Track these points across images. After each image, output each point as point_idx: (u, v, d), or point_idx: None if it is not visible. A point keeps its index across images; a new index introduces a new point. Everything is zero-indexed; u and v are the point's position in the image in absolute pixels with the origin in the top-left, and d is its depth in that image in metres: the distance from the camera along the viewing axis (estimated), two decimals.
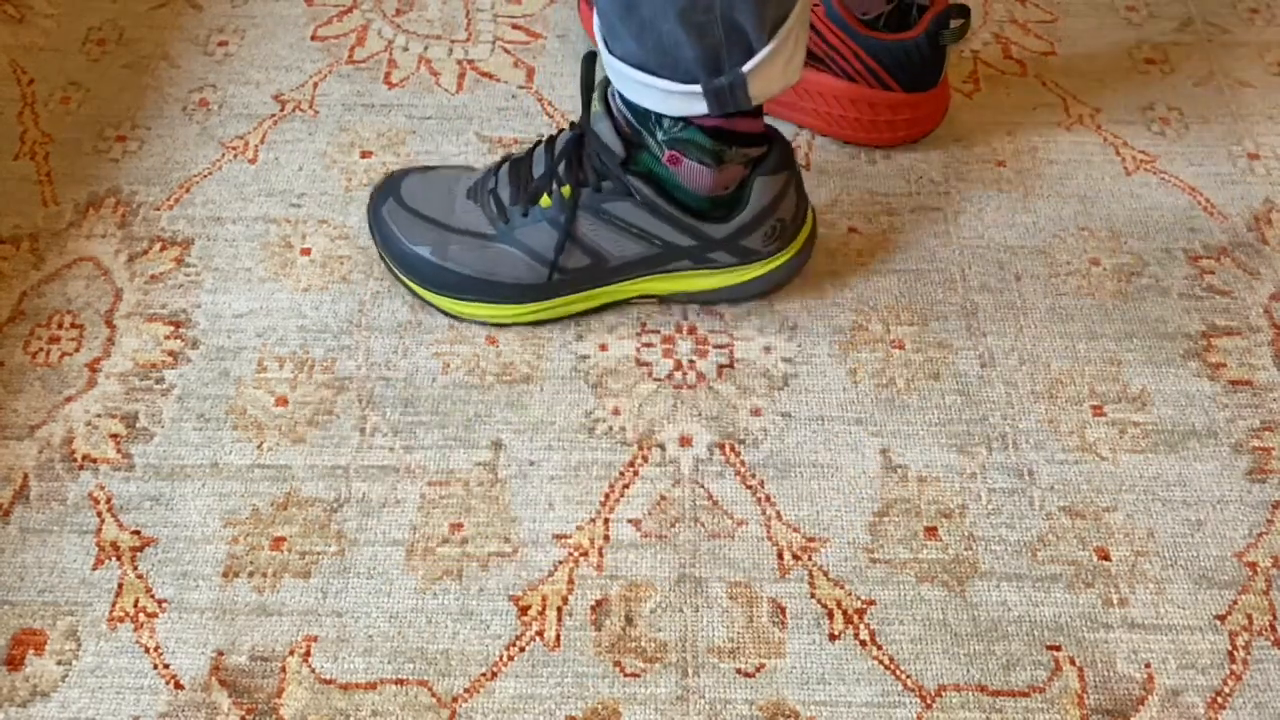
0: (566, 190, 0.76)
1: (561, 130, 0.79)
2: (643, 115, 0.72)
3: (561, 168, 0.76)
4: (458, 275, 0.80)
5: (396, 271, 0.83)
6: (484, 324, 0.82)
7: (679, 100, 0.68)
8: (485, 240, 0.79)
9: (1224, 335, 0.84)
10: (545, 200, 0.77)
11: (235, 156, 0.94)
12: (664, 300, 0.83)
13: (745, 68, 0.66)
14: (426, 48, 1.04)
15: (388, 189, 0.83)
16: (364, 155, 0.94)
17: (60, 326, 0.83)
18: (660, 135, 0.72)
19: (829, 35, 0.90)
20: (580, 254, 0.78)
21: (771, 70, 0.67)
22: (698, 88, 0.67)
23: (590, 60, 0.74)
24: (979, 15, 1.08)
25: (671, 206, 0.75)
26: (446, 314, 0.83)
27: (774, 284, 0.82)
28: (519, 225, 0.78)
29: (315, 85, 1.00)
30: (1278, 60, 1.04)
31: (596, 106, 0.74)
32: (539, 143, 0.80)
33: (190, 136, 0.96)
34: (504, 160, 0.81)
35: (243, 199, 0.91)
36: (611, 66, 0.70)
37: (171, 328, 0.83)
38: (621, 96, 0.72)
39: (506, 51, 1.03)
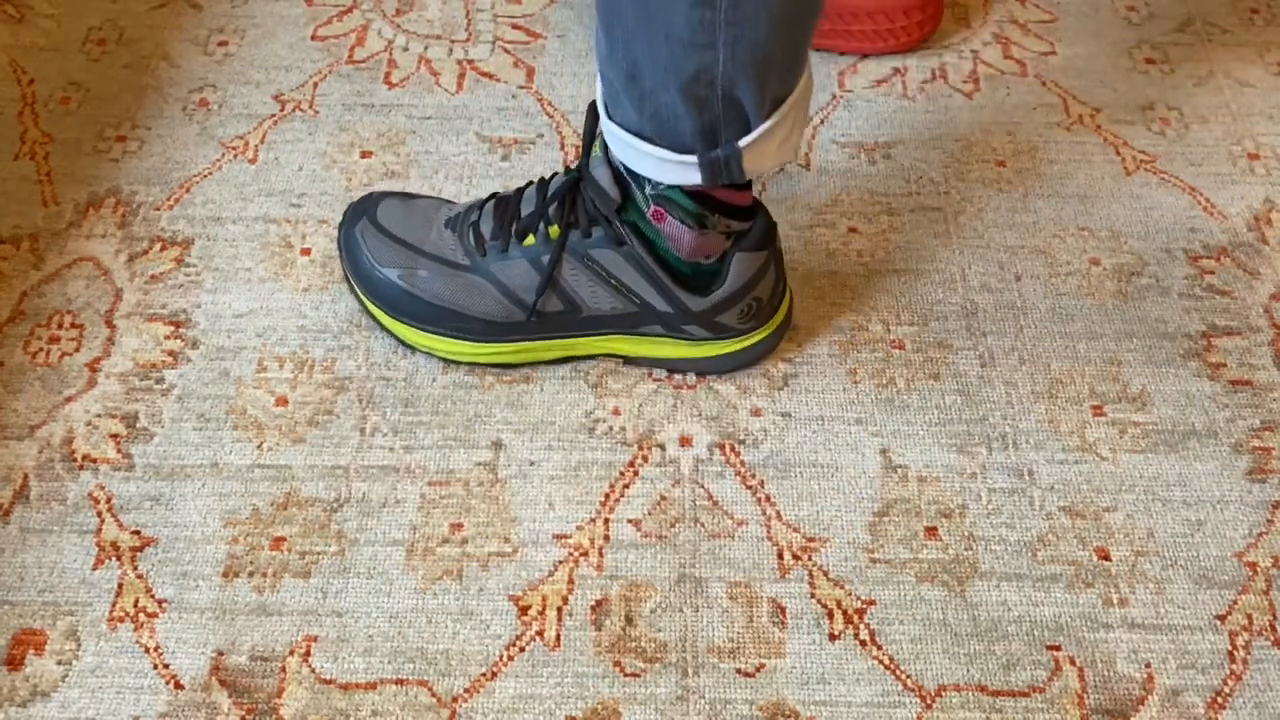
0: (554, 231, 0.75)
1: (555, 174, 0.77)
2: (633, 170, 0.72)
3: (552, 209, 0.75)
4: (424, 304, 0.78)
5: (360, 293, 0.81)
6: (439, 358, 0.81)
7: (674, 169, 0.68)
8: (456, 269, 0.77)
9: (1224, 335, 0.84)
10: (529, 239, 0.76)
11: (235, 156, 0.94)
12: (628, 361, 0.81)
13: (742, 142, 0.66)
14: (426, 48, 1.04)
15: (363, 209, 0.81)
16: (364, 155, 0.94)
17: (60, 326, 0.83)
18: (648, 189, 0.71)
19: None
20: (555, 299, 0.77)
21: (767, 146, 0.67)
22: (693, 158, 0.67)
23: (594, 109, 0.73)
24: (979, 15, 1.08)
25: (656, 265, 0.74)
26: (403, 343, 0.81)
27: (742, 363, 0.80)
28: (495, 260, 0.76)
29: (315, 85, 1.00)
30: (1278, 60, 1.04)
31: (597, 152, 0.73)
32: (530, 184, 0.78)
33: (190, 136, 0.96)
34: (490, 197, 0.79)
35: (243, 199, 0.91)
36: (610, 131, 0.69)
37: (171, 328, 0.83)
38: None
39: (506, 51, 1.04)
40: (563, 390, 0.80)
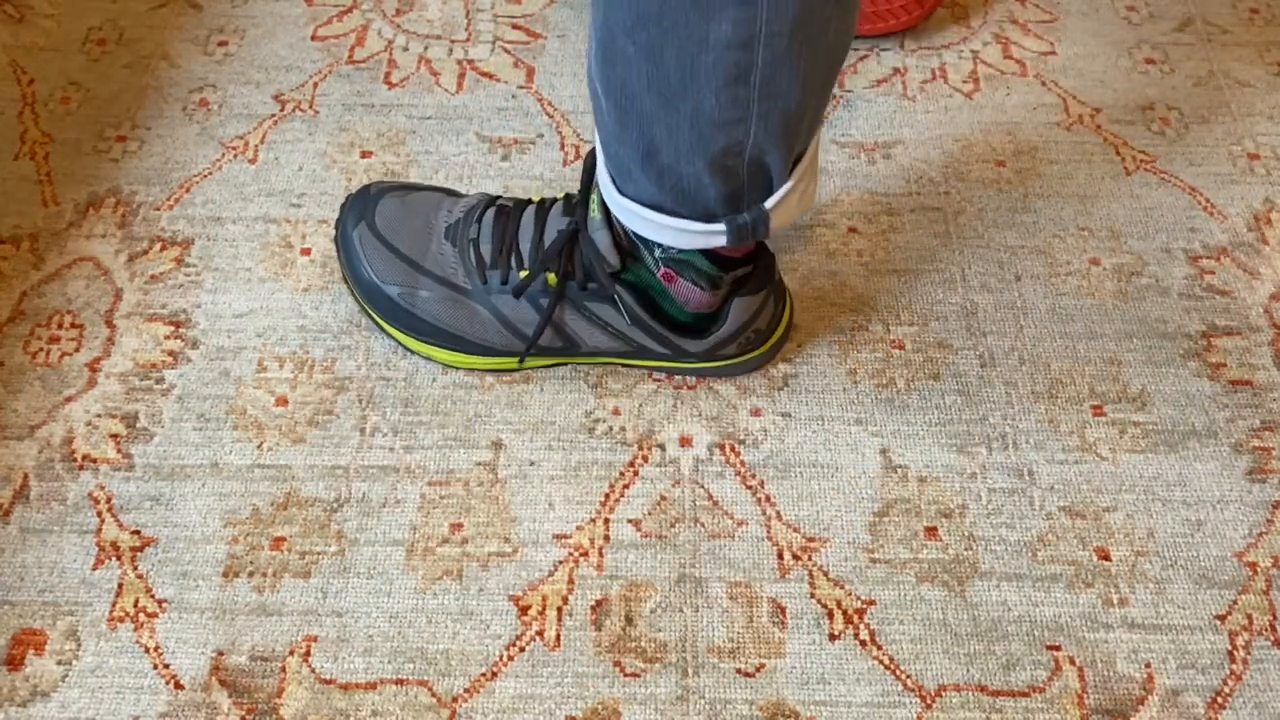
0: (552, 278, 0.74)
1: (555, 200, 0.76)
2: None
3: (550, 258, 0.74)
4: (423, 322, 0.78)
5: (358, 297, 0.81)
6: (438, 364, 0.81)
7: (696, 236, 0.67)
8: (458, 294, 0.77)
9: (1224, 335, 0.84)
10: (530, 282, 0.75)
11: (235, 156, 0.94)
12: (629, 365, 0.81)
13: (768, 204, 0.65)
14: (426, 48, 1.04)
15: (361, 206, 0.80)
16: (364, 155, 0.94)
17: (60, 326, 0.83)
18: (658, 252, 0.70)
19: None
20: (554, 336, 0.77)
21: (789, 203, 0.66)
22: (719, 226, 0.66)
23: (593, 157, 0.71)
24: (979, 15, 1.08)
25: (654, 321, 0.74)
26: (403, 346, 0.81)
27: (739, 373, 0.80)
28: (496, 291, 0.76)
29: (315, 85, 1.00)
30: (1278, 60, 1.04)
31: (595, 213, 0.71)
32: (529, 203, 0.78)
33: (190, 136, 0.96)
34: (490, 203, 0.79)
35: (243, 199, 0.91)
36: (620, 205, 0.67)
37: (171, 328, 0.83)
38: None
39: (506, 51, 1.03)
40: (563, 390, 0.80)
